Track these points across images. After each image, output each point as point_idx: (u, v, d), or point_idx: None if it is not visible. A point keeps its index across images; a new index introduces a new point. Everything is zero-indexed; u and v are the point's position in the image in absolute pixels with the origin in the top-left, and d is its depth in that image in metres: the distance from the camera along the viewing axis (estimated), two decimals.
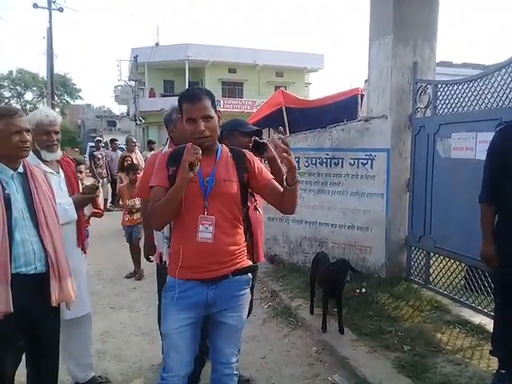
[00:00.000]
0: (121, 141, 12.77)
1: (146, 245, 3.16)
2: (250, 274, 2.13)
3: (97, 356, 3.35)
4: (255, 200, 2.75)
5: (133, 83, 32.04)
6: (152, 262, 3.19)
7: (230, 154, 2.10)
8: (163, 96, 30.49)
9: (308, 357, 3.43)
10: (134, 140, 9.00)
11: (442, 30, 5.38)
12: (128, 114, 38.38)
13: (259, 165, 2.14)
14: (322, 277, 3.81)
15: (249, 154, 2.18)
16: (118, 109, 53.77)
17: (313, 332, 3.77)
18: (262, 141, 2.86)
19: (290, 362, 3.27)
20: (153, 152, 7.29)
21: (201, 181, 1.97)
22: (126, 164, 7.67)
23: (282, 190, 2.03)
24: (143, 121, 30.41)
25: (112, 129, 49.18)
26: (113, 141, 11.85)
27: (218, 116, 2.02)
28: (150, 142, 12.49)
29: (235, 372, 2.18)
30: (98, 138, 12.58)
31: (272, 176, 2.18)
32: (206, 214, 1.96)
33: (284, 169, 2.00)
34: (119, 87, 41.13)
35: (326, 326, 3.68)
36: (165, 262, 2.90)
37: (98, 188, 2.79)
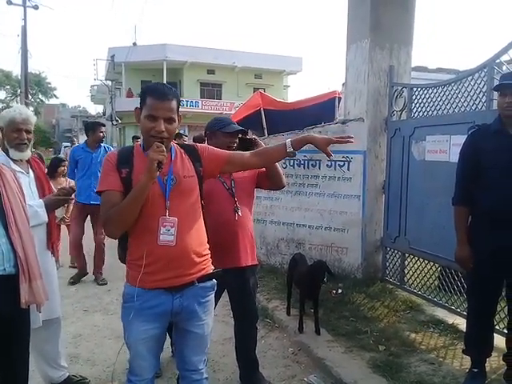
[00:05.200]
0: None
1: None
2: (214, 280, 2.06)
3: (69, 360, 3.27)
4: (235, 201, 2.72)
5: (109, 83, 31.62)
6: None
7: (181, 150, 2.03)
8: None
9: (284, 358, 3.43)
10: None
11: (417, 35, 5.51)
12: (104, 114, 37.81)
13: (210, 149, 2.10)
14: (300, 278, 3.81)
15: (199, 145, 2.14)
16: (94, 108, 53.03)
17: (289, 333, 3.77)
18: (248, 137, 2.84)
19: (266, 364, 3.25)
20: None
21: (159, 180, 1.87)
22: None
23: (277, 147, 2.07)
24: (120, 121, 30.01)
25: None
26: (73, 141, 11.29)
27: (179, 120, 1.94)
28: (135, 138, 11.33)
29: (205, 376, 2.12)
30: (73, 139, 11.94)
31: (228, 152, 2.16)
32: (168, 215, 1.86)
33: None
34: (95, 87, 40.53)
35: (302, 327, 3.69)
36: None
37: (74, 190, 2.72)
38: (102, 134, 5.51)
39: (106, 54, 31.36)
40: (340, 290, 4.42)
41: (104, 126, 5.79)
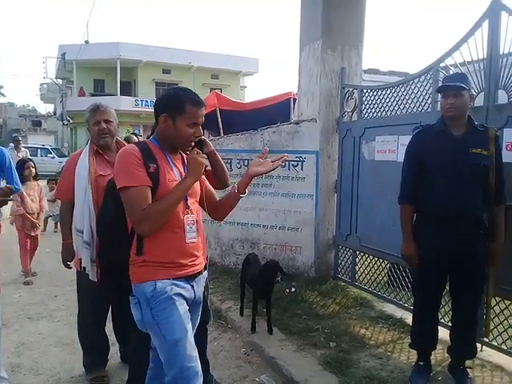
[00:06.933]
0: (46, 141, 11.88)
1: (63, 249, 2.97)
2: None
3: (11, 370, 3.11)
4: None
5: (60, 81, 30.53)
6: (70, 268, 3.01)
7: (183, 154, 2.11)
8: (93, 95, 29.25)
9: (236, 359, 3.41)
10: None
11: (369, 37, 5.65)
12: (55, 114, 36.48)
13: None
14: (253, 278, 3.80)
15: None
16: (45, 108, 51.18)
17: (242, 333, 3.76)
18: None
19: (218, 366, 3.21)
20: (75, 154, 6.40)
21: (180, 179, 1.97)
22: None
23: (229, 195, 2.17)
24: (71, 121, 29.04)
25: (37, 129, 46.46)
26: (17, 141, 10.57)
27: None
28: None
29: None
30: (18, 138, 11.02)
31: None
32: (190, 213, 1.99)
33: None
34: (45, 85, 39.05)
35: (255, 326, 3.67)
36: (84, 268, 2.75)
37: (12, 191, 2.58)
38: None
39: (57, 52, 30.23)
40: (293, 289, 4.45)
41: None
